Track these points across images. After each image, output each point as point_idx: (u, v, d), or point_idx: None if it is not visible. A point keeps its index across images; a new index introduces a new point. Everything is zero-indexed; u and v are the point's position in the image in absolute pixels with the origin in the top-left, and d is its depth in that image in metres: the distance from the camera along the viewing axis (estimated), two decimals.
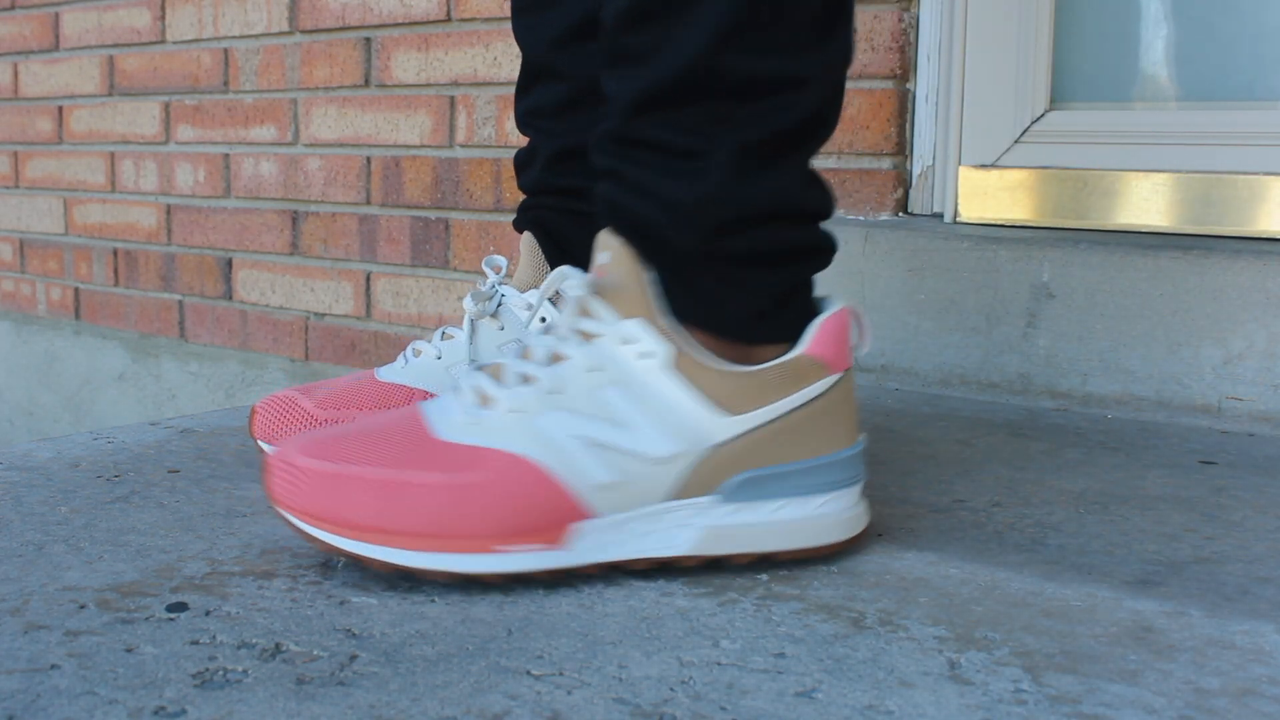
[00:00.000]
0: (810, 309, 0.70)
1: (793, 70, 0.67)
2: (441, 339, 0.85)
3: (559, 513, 0.63)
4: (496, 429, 0.64)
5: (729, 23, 0.64)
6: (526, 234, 0.87)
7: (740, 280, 0.68)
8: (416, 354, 0.85)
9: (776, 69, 0.67)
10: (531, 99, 0.88)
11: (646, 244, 0.67)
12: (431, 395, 0.82)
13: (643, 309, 0.65)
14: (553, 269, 0.85)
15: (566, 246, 0.85)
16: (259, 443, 0.82)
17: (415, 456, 0.63)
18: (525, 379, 0.65)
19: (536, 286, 0.84)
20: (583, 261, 0.85)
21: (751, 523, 0.66)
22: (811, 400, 0.67)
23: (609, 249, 0.67)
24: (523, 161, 0.89)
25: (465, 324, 0.84)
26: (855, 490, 0.69)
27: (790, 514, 0.66)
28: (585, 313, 0.66)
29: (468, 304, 0.83)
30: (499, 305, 0.84)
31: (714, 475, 0.65)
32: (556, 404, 0.64)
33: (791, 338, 0.68)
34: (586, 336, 0.65)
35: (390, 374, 0.84)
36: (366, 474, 0.62)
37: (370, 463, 0.63)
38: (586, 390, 0.64)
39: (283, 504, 0.64)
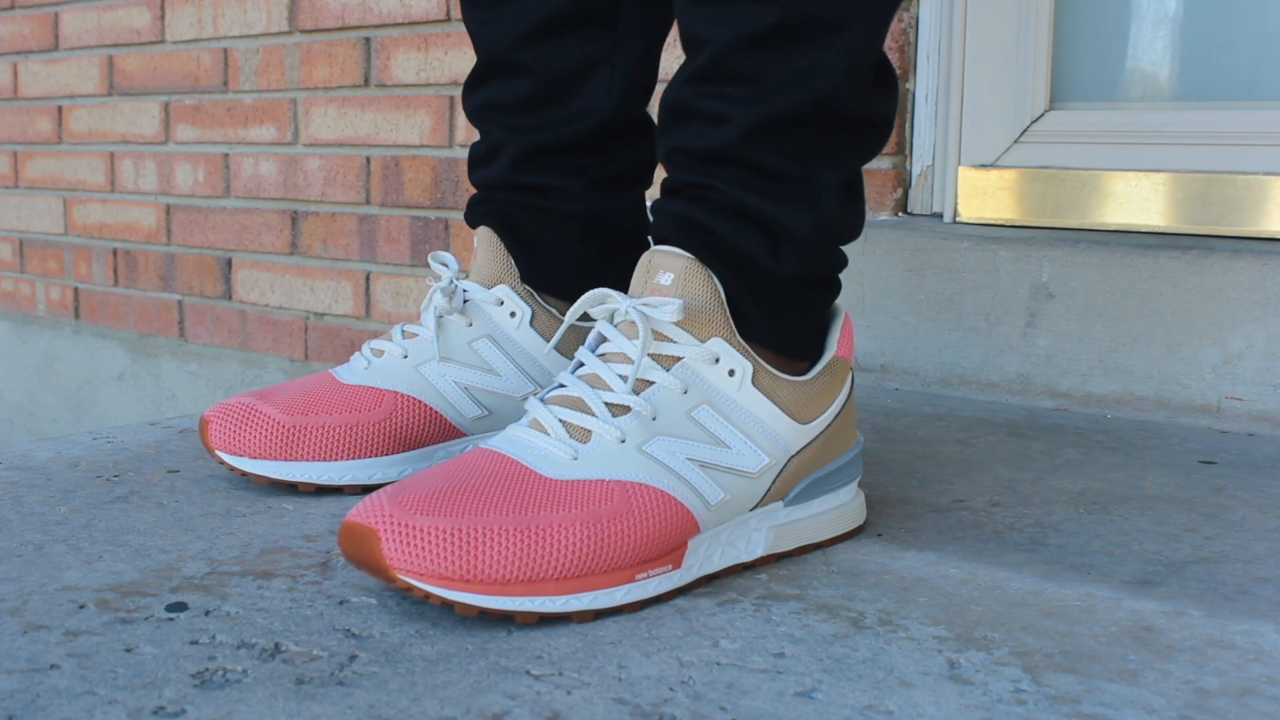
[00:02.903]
0: None
1: (885, 110, 0.72)
2: (404, 337, 0.83)
3: (683, 533, 0.63)
4: (610, 460, 0.62)
5: (859, 61, 0.67)
6: (484, 229, 0.85)
7: (807, 301, 0.71)
8: (378, 354, 0.83)
9: (879, 108, 0.71)
10: (489, 93, 0.85)
11: (727, 264, 0.67)
12: (402, 395, 0.80)
13: (722, 329, 0.66)
14: (517, 265, 0.83)
15: (530, 243, 0.84)
16: (219, 454, 0.78)
17: (539, 500, 0.60)
18: (618, 408, 0.64)
19: (502, 281, 0.83)
20: (544, 258, 0.84)
21: (803, 518, 0.70)
22: (846, 399, 0.72)
23: (671, 270, 0.66)
24: (481, 156, 0.87)
25: (431, 321, 0.82)
26: (858, 479, 0.75)
27: (828, 506, 0.71)
28: (661, 336, 0.65)
29: (439, 300, 0.81)
30: (465, 301, 0.82)
31: (788, 482, 0.69)
32: (658, 429, 0.64)
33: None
34: (667, 360, 0.65)
35: (352, 375, 0.82)
36: (502, 525, 0.58)
37: (495, 512, 0.59)
38: (682, 413, 0.64)
39: (407, 571, 0.57)
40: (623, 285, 0.87)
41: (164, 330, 2.05)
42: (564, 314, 0.84)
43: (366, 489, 0.80)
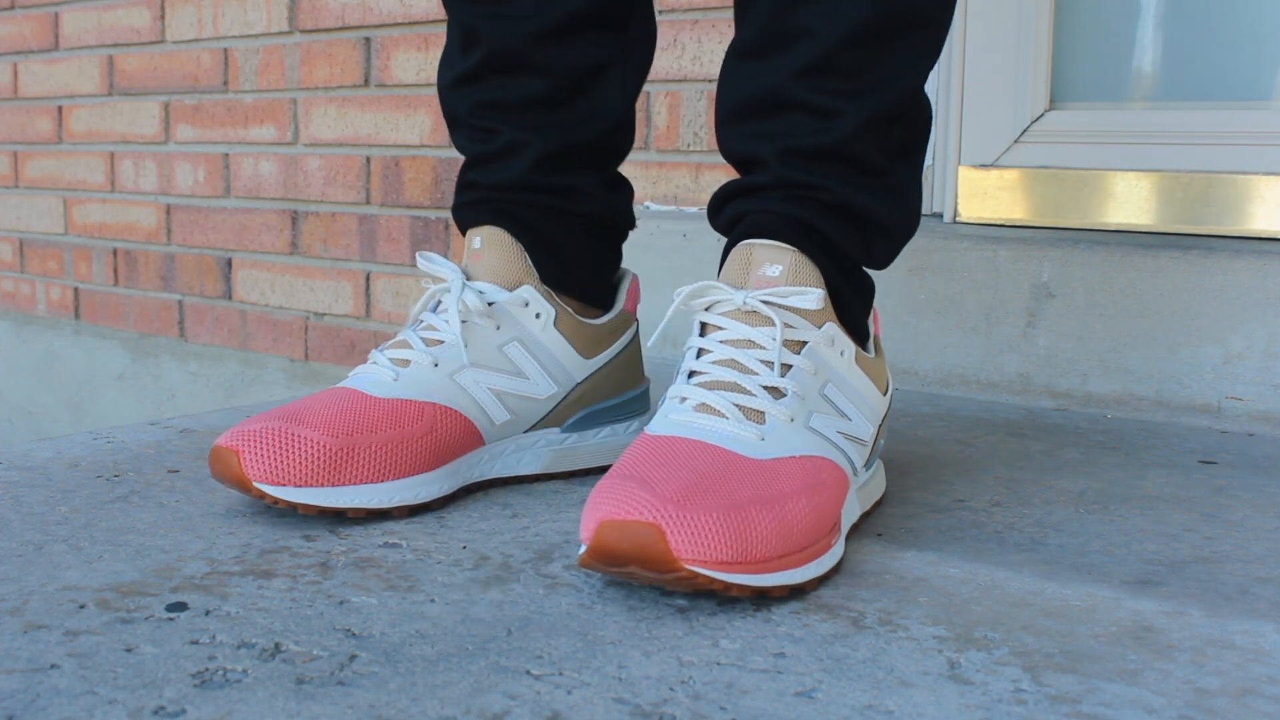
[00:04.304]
0: None
1: (930, 105, 0.78)
2: (426, 345, 0.79)
3: (843, 499, 0.69)
4: (789, 438, 0.67)
5: (936, 56, 0.75)
6: (493, 229, 0.82)
7: (870, 286, 0.78)
8: (402, 364, 0.78)
9: (928, 104, 0.77)
10: (492, 90, 0.83)
11: (830, 257, 0.73)
12: (440, 407, 0.77)
13: (830, 315, 0.72)
14: (536, 267, 0.82)
15: (548, 244, 0.83)
16: (260, 486, 0.71)
17: (768, 480, 0.63)
18: (774, 391, 0.68)
19: (523, 282, 0.81)
20: (563, 258, 0.83)
21: (871, 480, 0.77)
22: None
23: (778, 263, 0.71)
24: (490, 155, 0.84)
25: (456, 325, 0.78)
26: None
27: (874, 469, 0.79)
28: (786, 324, 0.70)
29: (471, 301, 0.79)
30: (490, 304, 0.80)
31: (874, 447, 0.76)
32: (809, 408, 0.69)
33: None
34: (794, 345, 0.70)
35: (381, 388, 0.77)
36: (759, 508, 0.61)
37: (746, 496, 0.62)
38: (816, 392, 0.70)
39: (694, 560, 0.58)
40: (618, 280, 0.88)
41: (164, 330, 2.05)
42: (580, 313, 0.84)
43: (414, 510, 0.76)
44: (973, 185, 1.28)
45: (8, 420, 2.34)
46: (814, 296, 0.70)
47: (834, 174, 0.72)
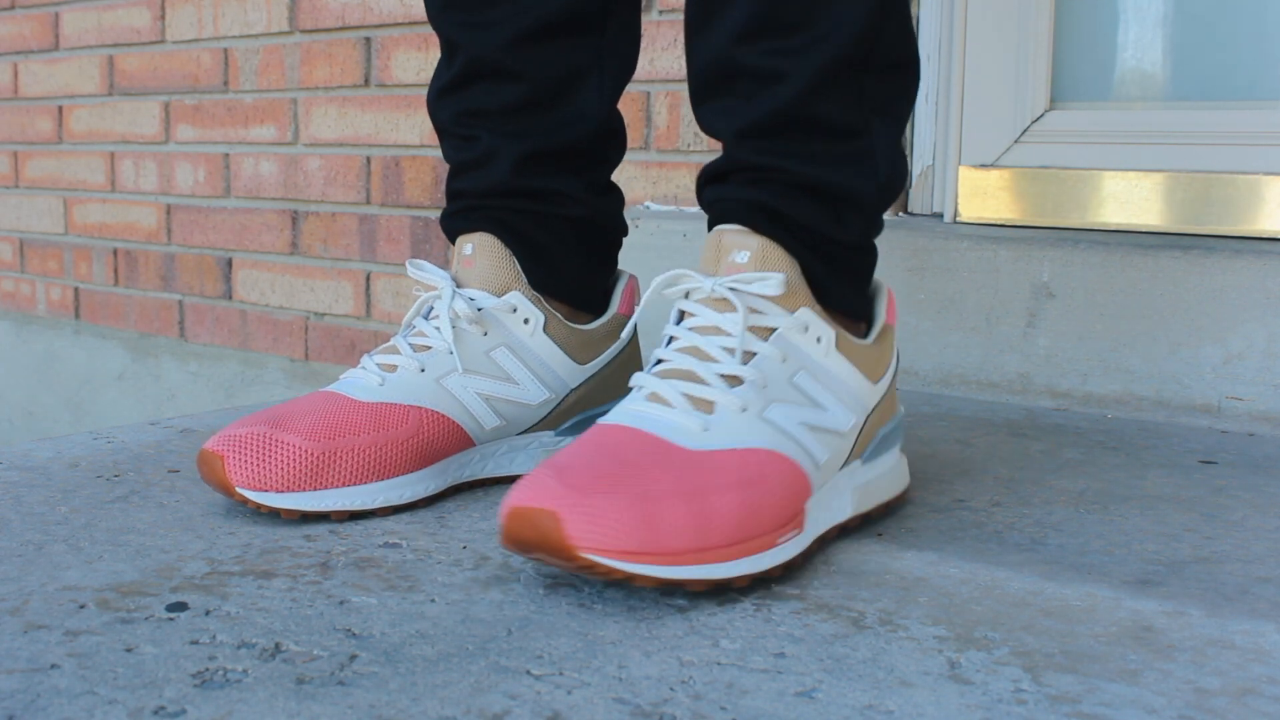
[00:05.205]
0: None
1: (912, 49, 0.73)
2: (414, 350, 0.80)
3: (802, 495, 0.66)
4: (737, 429, 0.65)
5: None
6: (483, 235, 0.82)
7: (859, 265, 0.75)
8: (388, 369, 0.79)
9: (906, 47, 0.73)
10: (474, 98, 0.84)
11: (798, 239, 0.70)
12: (426, 410, 0.77)
13: (806, 299, 0.69)
14: (525, 272, 0.82)
15: (535, 249, 0.82)
16: (242, 491, 0.73)
17: (692, 472, 0.62)
18: (731, 379, 0.66)
19: (512, 288, 0.81)
20: (549, 263, 0.83)
21: (875, 477, 0.74)
22: (897, 361, 0.78)
23: (746, 249, 0.69)
24: (472, 162, 0.84)
25: (447, 332, 0.79)
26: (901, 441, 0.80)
27: (890, 464, 0.76)
28: (753, 310, 0.68)
29: (460, 308, 0.79)
30: (479, 309, 0.80)
31: (865, 439, 0.73)
32: (769, 397, 0.67)
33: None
34: (763, 331, 0.68)
35: (367, 393, 0.77)
36: (673, 498, 0.60)
37: (662, 487, 0.60)
38: (784, 380, 0.67)
39: (592, 549, 0.57)
40: (612, 284, 0.88)
41: (164, 330, 2.05)
42: (569, 319, 0.84)
43: (397, 509, 0.77)
44: (973, 185, 1.28)
45: (8, 420, 2.34)
46: (774, 281, 0.67)
47: (791, 149, 0.70)
